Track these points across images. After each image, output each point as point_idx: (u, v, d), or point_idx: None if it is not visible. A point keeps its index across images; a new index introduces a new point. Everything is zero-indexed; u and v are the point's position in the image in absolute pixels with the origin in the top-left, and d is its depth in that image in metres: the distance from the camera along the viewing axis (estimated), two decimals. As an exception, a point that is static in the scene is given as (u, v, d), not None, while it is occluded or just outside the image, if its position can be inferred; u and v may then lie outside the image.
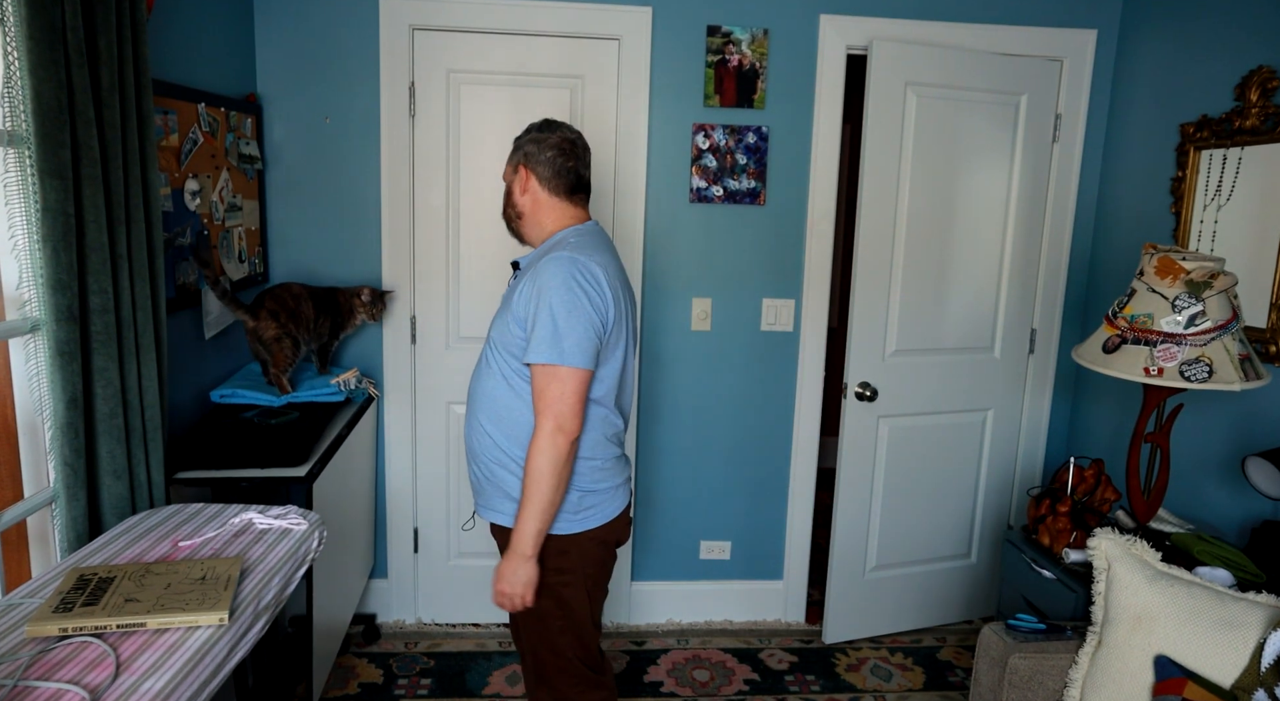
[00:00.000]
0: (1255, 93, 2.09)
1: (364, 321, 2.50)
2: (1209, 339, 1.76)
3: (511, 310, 1.58)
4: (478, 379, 1.68)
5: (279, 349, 2.23)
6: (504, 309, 1.64)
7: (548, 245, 1.64)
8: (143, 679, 1.05)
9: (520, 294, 1.56)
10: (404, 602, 2.82)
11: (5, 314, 1.49)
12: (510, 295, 1.63)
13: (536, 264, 1.59)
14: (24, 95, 1.33)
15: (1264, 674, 1.41)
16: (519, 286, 1.59)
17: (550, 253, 1.59)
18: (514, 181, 1.71)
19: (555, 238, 1.65)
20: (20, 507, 1.48)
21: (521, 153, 1.70)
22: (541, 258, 1.59)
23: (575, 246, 1.59)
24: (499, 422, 1.63)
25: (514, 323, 1.57)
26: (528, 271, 1.60)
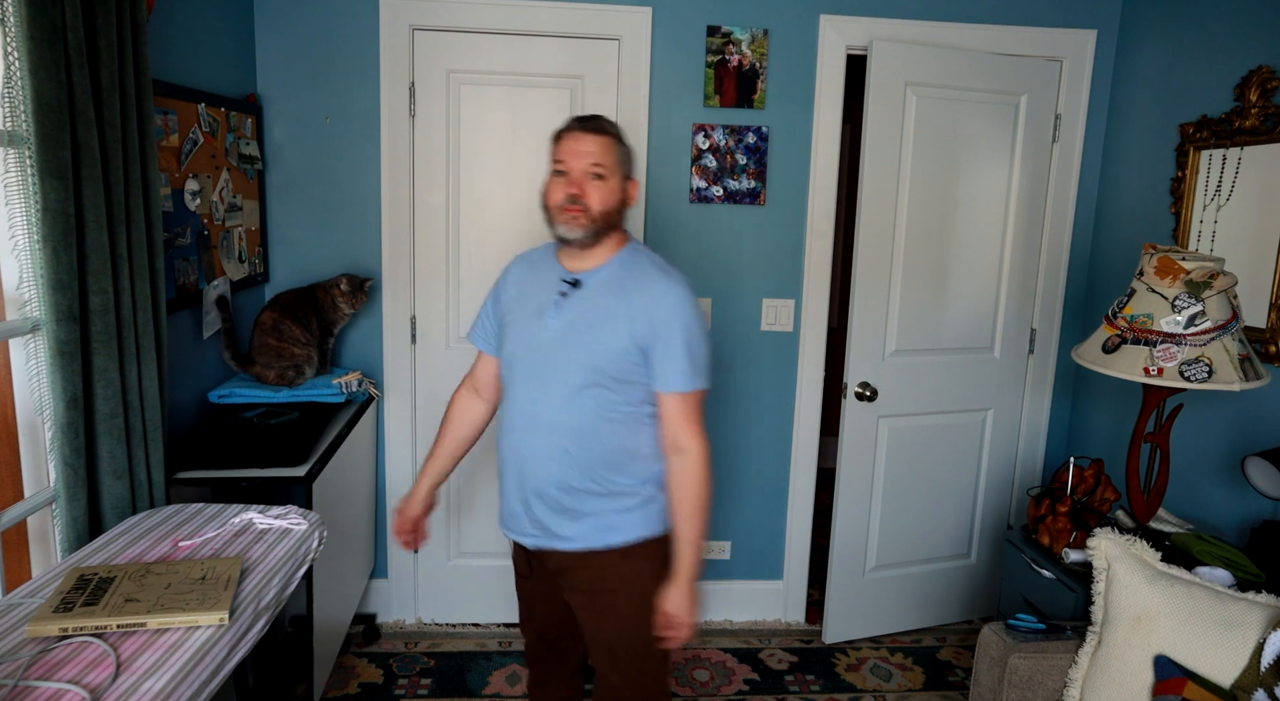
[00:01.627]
0: (1255, 93, 2.09)
1: (348, 311, 2.44)
2: (1209, 339, 1.77)
3: (614, 333, 1.48)
4: (555, 406, 1.53)
5: (294, 376, 2.32)
6: (581, 331, 1.50)
7: (627, 260, 1.56)
8: (143, 679, 1.05)
9: (620, 316, 1.48)
10: (404, 602, 2.82)
11: (5, 314, 1.49)
12: (585, 314, 1.51)
13: (631, 283, 1.51)
14: (24, 95, 1.33)
15: (1264, 673, 1.41)
16: (605, 306, 1.50)
17: (642, 269, 1.53)
18: (625, 190, 1.56)
19: (628, 250, 1.57)
20: (20, 507, 1.48)
21: (632, 162, 1.58)
22: (631, 274, 1.52)
23: (661, 262, 1.55)
24: (601, 450, 1.54)
25: (626, 349, 1.48)
26: (610, 289, 1.51)
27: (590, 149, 1.49)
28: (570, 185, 1.48)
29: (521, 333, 1.56)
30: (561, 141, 1.52)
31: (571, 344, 1.50)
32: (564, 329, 1.51)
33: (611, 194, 1.51)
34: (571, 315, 1.52)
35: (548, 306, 1.54)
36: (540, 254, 1.66)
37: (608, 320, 1.49)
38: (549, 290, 1.55)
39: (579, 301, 1.52)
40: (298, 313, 2.34)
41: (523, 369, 1.56)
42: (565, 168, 1.50)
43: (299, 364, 2.30)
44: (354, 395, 2.40)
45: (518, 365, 1.57)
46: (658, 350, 1.49)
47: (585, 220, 1.49)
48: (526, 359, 1.55)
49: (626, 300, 1.49)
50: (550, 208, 1.52)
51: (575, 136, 1.51)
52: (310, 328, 2.34)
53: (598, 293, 1.52)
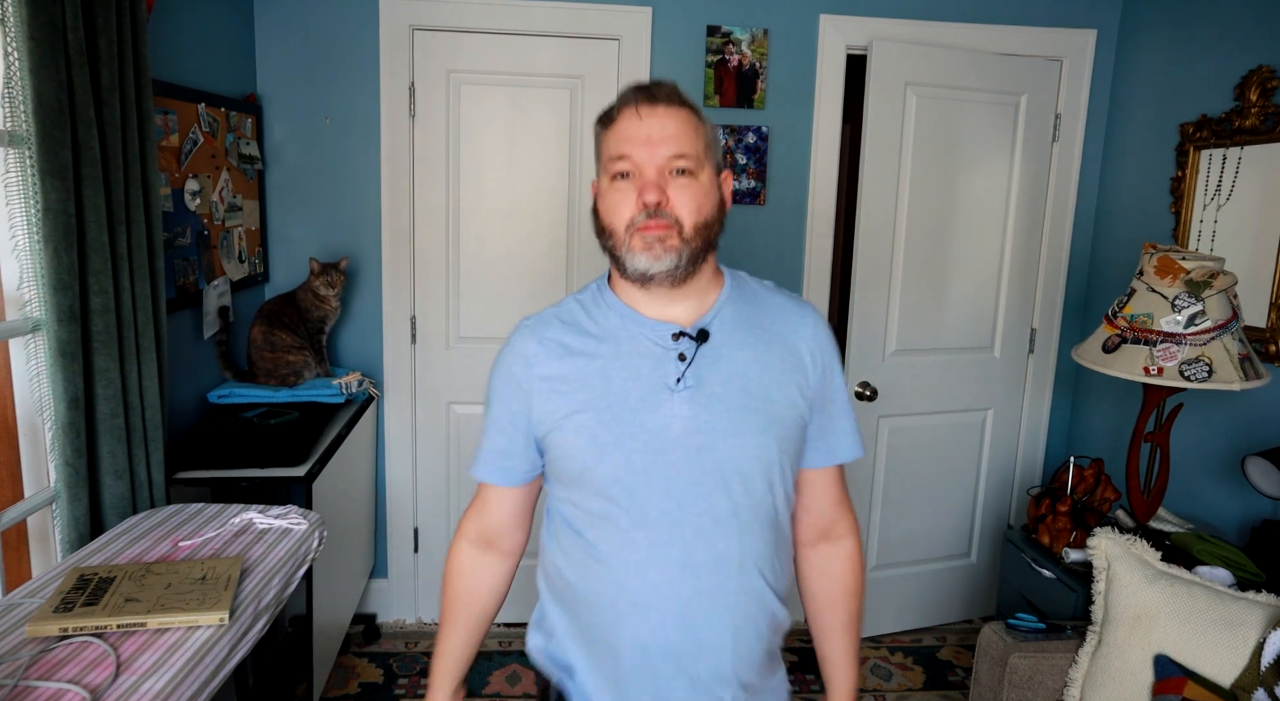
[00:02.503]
0: (1255, 92, 2.09)
1: (326, 292, 2.38)
2: (1209, 338, 1.77)
3: (783, 392, 1.03)
4: (729, 531, 1.01)
5: (295, 380, 2.32)
6: (740, 402, 1.01)
7: (738, 286, 1.11)
8: (143, 679, 1.05)
9: (778, 365, 1.04)
10: (404, 602, 2.82)
11: (6, 314, 1.49)
12: (734, 378, 1.02)
13: (767, 317, 1.08)
14: (24, 95, 1.33)
15: (1264, 673, 1.41)
16: (756, 358, 1.04)
17: (765, 295, 1.12)
18: (717, 186, 1.06)
19: (730, 274, 1.13)
20: (21, 507, 1.48)
21: (721, 144, 1.12)
22: (758, 305, 1.09)
23: (767, 282, 1.17)
24: (782, 561, 1.09)
25: (800, 413, 1.05)
26: (749, 333, 1.05)
27: (669, 130, 0.99)
28: (646, 190, 0.97)
29: (621, 443, 0.99)
30: (618, 124, 1.02)
31: (727, 426, 0.99)
32: (706, 409, 1.00)
33: (707, 196, 1.01)
34: (712, 385, 1.00)
35: (660, 385, 1.00)
36: (580, 310, 1.09)
37: (767, 375, 1.03)
38: (648, 358, 1.02)
39: (712, 362, 1.02)
40: (284, 319, 2.33)
41: (645, 496, 0.99)
42: (631, 165, 0.99)
43: (297, 369, 2.31)
44: (354, 395, 2.40)
45: (630, 494, 1.00)
46: (827, 406, 1.09)
47: (677, 242, 0.98)
48: (649, 478, 0.99)
49: (776, 343, 1.06)
50: (613, 230, 1.01)
51: (642, 113, 1.00)
52: (299, 331, 2.34)
53: (734, 343, 1.04)
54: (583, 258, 2.66)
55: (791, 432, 1.04)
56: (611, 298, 1.08)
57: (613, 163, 1.01)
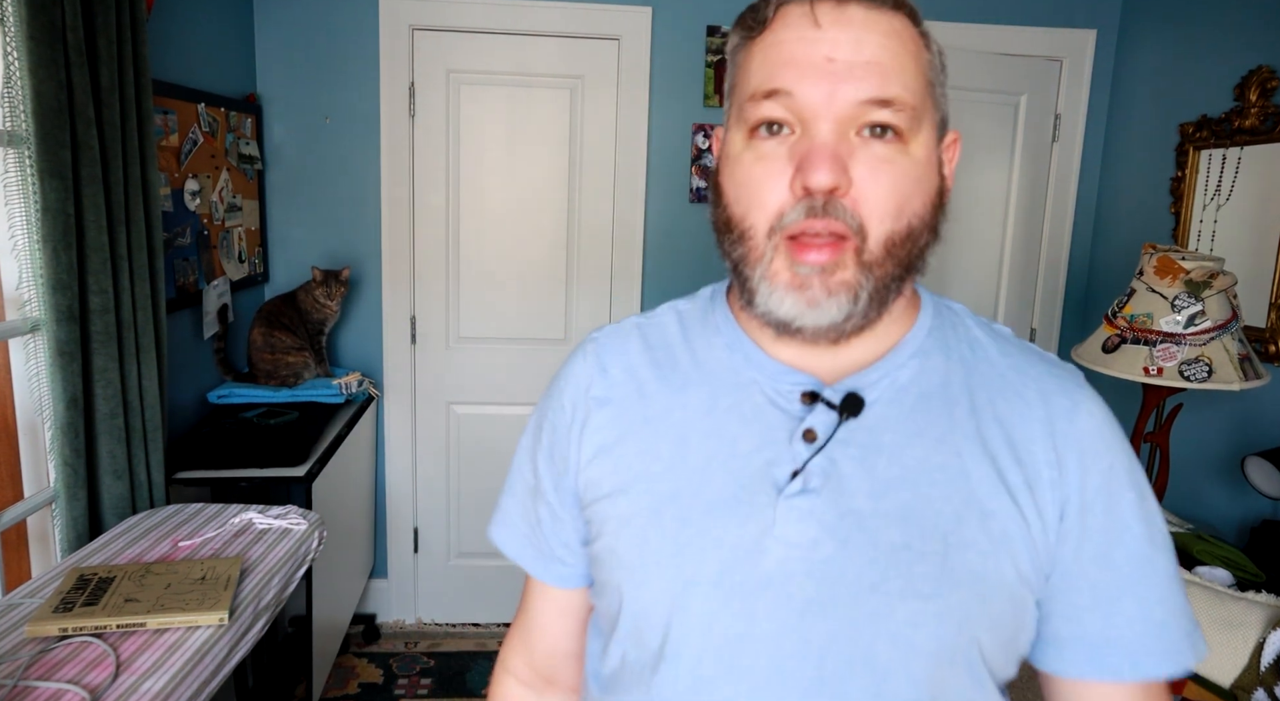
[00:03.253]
0: (1255, 92, 2.09)
1: (325, 300, 2.38)
2: (1208, 338, 1.77)
3: (988, 532, 0.59)
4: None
5: (295, 381, 2.32)
6: (896, 540, 0.58)
7: (943, 334, 0.67)
8: (143, 679, 1.05)
9: (983, 491, 0.60)
10: (404, 602, 2.82)
11: (5, 314, 1.49)
12: (891, 490, 0.60)
13: (984, 391, 0.63)
14: (24, 95, 1.33)
15: (1264, 673, 1.41)
16: (940, 462, 0.60)
17: (995, 356, 0.66)
18: (937, 159, 0.63)
19: (933, 311, 0.68)
20: (20, 507, 1.48)
21: (945, 81, 0.64)
22: (976, 369, 0.65)
23: (1010, 334, 0.70)
24: None
25: (1021, 574, 0.59)
26: (937, 414, 0.62)
27: (866, 52, 0.56)
28: (813, 161, 0.55)
29: (680, 565, 0.61)
30: (775, 30, 0.58)
31: (868, 573, 0.58)
32: (834, 536, 0.59)
33: (918, 182, 0.59)
34: (854, 495, 0.59)
35: (763, 476, 0.61)
36: (678, 327, 0.71)
37: (957, 496, 0.59)
38: (756, 425, 0.63)
39: (862, 454, 0.61)
40: (283, 320, 2.33)
41: (704, 668, 0.60)
42: (792, 109, 0.56)
43: (297, 370, 2.31)
44: (354, 395, 2.40)
45: (678, 658, 0.61)
46: (1097, 568, 0.60)
47: (853, 272, 0.57)
48: (717, 638, 0.59)
49: (988, 438, 0.61)
50: (745, 229, 0.59)
51: (822, 15, 0.57)
52: (298, 332, 2.34)
53: (908, 427, 0.61)
54: (584, 258, 2.66)
55: (998, 607, 0.58)
56: (724, 314, 0.68)
57: (756, 103, 0.57)
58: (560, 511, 0.71)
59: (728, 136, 0.63)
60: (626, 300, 2.67)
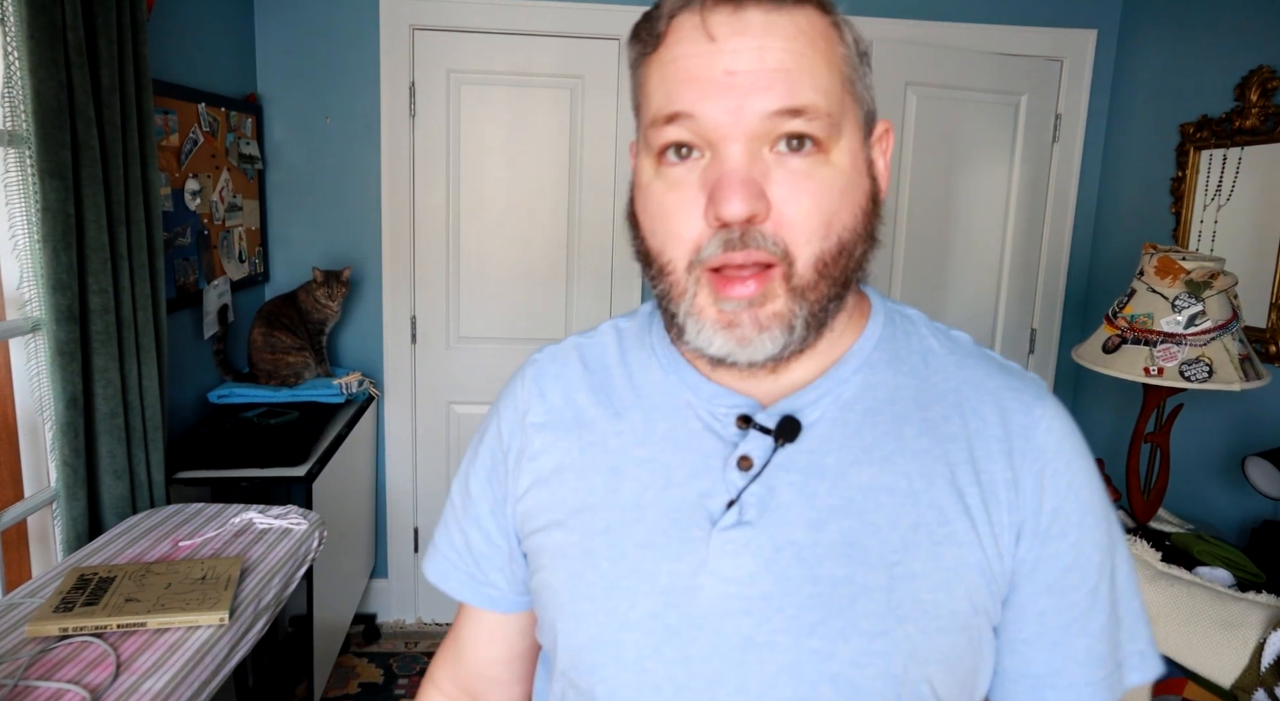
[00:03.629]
0: (1255, 92, 2.09)
1: (326, 301, 2.38)
2: (1209, 339, 1.77)
3: (940, 562, 0.55)
4: None
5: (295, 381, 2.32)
6: (836, 570, 0.54)
7: (893, 343, 0.63)
8: (143, 678, 1.05)
9: (939, 512, 0.56)
10: (404, 602, 2.82)
11: (6, 314, 1.49)
12: (830, 519, 0.55)
13: (936, 405, 0.59)
14: (24, 95, 1.33)
15: (1264, 674, 1.41)
16: (885, 484, 0.56)
17: (948, 363, 0.62)
18: (865, 161, 0.58)
19: (883, 318, 0.64)
20: (20, 507, 1.48)
21: (867, 66, 0.61)
22: (926, 381, 0.61)
23: (967, 340, 0.67)
24: None
25: (976, 605, 0.55)
26: (884, 433, 0.58)
27: (771, 58, 0.51)
28: (724, 190, 0.50)
29: (613, 603, 0.58)
30: (669, 44, 0.53)
31: (807, 611, 0.54)
32: (771, 570, 0.55)
33: (845, 192, 0.55)
34: (792, 525, 0.56)
35: (698, 507, 0.57)
36: (616, 348, 0.67)
37: (907, 519, 0.56)
38: (690, 453, 0.59)
39: (803, 480, 0.57)
40: (283, 320, 2.33)
41: (656, 697, 0.56)
42: (696, 131, 0.52)
43: (297, 370, 2.31)
44: (354, 395, 2.40)
45: (632, 690, 0.57)
46: (1047, 598, 0.57)
47: (784, 303, 0.53)
48: (652, 680, 0.56)
49: (943, 455, 0.57)
50: (663, 264, 0.55)
51: (714, 25, 0.51)
52: (298, 332, 2.34)
53: (854, 446, 0.58)
54: (584, 257, 2.66)
55: (950, 641, 0.54)
56: (660, 334, 0.64)
57: (659, 128, 0.53)
58: (496, 538, 0.67)
59: (637, 162, 0.57)
60: (626, 300, 2.67)
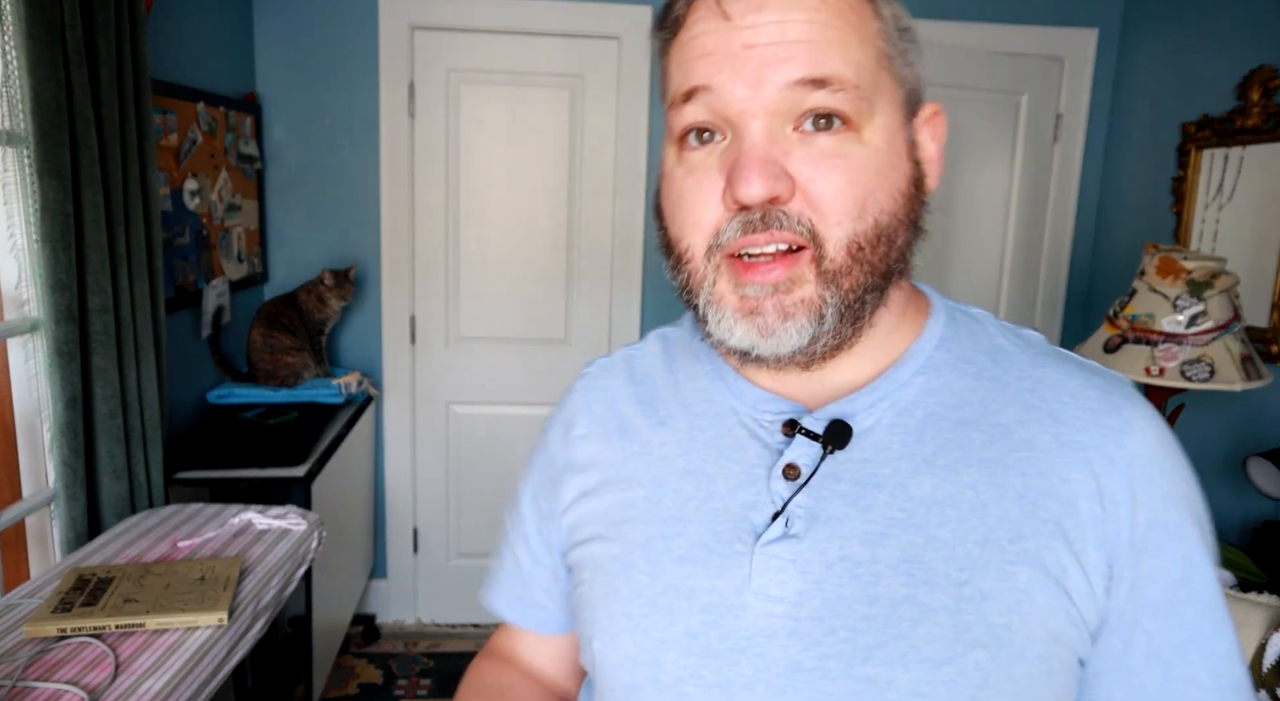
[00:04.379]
0: (1257, 92, 2.09)
1: (337, 305, 2.39)
2: (1210, 339, 1.76)
3: (1010, 591, 0.48)
4: None
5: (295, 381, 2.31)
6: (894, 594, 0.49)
7: (958, 344, 0.57)
8: (142, 679, 1.05)
9: (1007, 529, 0.49)
10: (404, 602, 2.82)
11: (4, 314, 1.49)
12: (884, 538, 0.50)
13: (1009, 416, 0.53)
14: (22, 95, 1.33)
15: (1265, 675, 1.41)
16: (948, 502, 0.50)
17: (1026, 369, 0.56)
18: (905, 143, 0.55)
19: (943, 318, 0.61)
20: (19, 507, 1.48)
21: (912, 44, 0.56)
22: (996, 388, 0.54)
23: (1041, 342, 0.60)
24: None
25: (1054, 633, 0.49)
26: (946, 445, 0.52)
27: (792, 29, 0.47)
28: (742, 170, 0.47)
29: (652, 622, 0.54)
30: (689, 24, 0.50)
31: (862, 634, 0.49)
32: (822, 589, 0.51)
33: (880, 173, 0.50)
34: (846, 540, 0.51)
35: (741, 520, 0.54)
36: (663, 358, 0.67)
37: (974, 535, 0.50)
38: (735, 462, 0.56)
39: (856, 491, 0.52)
40: (282, 321, 2.33)
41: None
42: (713, 110, 0.49)
43: (297, 370, 2.31)
44: (353, 395, 2.40)
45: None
46: (1154, 618, 0.51)
47: (813, 290, 0.50)
48: (689, 692, 0.52)
49: (1019, 469, 0.51)
50: (682, 253, 0.53)
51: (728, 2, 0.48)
52: (298, 332, 2.34)
53: (912, 456, 0.52)
54: (584, 258, 2.65)
55: (1025, 671, 0.48)
56: (704, 341, 0.60)
57: (678, 109, 0.50)
58: (541, 555, 0.67)
59: (664, 152, 0.55)
60: (626, 300, 2.66)
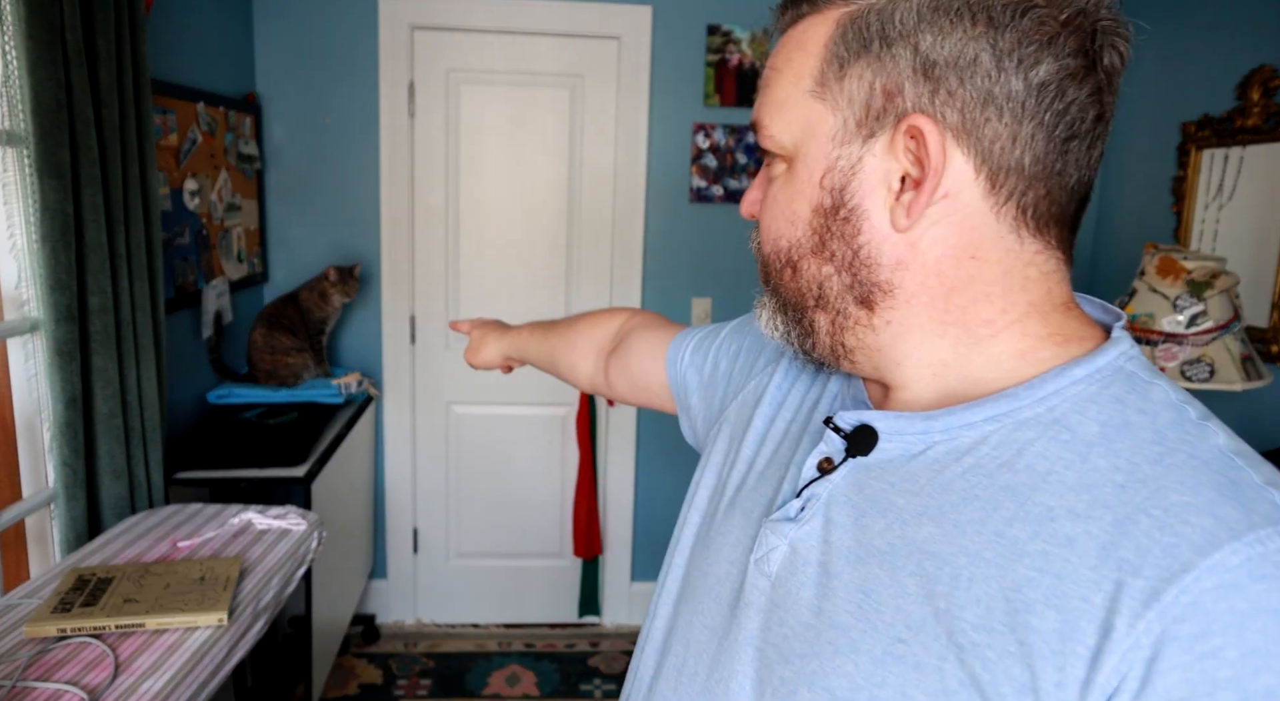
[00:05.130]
0: (1257, 92, 2.09)
1: (340, 302, 2.40)
2: (1210, 339, 1.76)
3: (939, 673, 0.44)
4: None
5: (295, 381, 2.31)
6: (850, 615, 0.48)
7: (1112, 403, 0.47)
8: (142, 679, 1.05)
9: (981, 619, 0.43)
10: (403, 603, 2.82)
11: (4, 314, 1.49)
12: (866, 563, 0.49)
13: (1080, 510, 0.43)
14: (22, 95, 1.33)
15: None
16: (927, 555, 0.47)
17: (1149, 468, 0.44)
18: (824, 163, 0.51)
19: (1113, 375, 0.48)
20: (19, 507, 1.48)
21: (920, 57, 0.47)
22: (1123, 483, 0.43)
23: (1228, 449, 0.47)
24: None
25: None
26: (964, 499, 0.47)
27: (767, 78, 0.54)
28: (751, 194, 0.59)
29: (709, 540, 0.62)
30: None
31: (801, 649, 0.50)
32: (794, 587, 0.52)
33: (794, 196, 0.53)
34: (833, 547, 0.51)
35: (772, 494, 0.59)
36: None
37: (939, 607, 0.45)
38: (801, 437, 0.61)
39: (866, 505, 0.51)
40: (283, 322, 2.33)
41: (681, 622, 0.62)
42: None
43: (296, 370, 2.31)
44: (353, 395, 2.40)
45: (675, 609, 0.64)
46: None
47: (765, 294, 0.59)
48: (681, 612, 0.62)
49: (1020, 565, 0.43)
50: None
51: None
52: (299, 333, 2.34)
53: (935, 498, 0.48)
54: (584, 257, 2.65)
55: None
56: None
57: None
58: (707, 364, 0.79)
59: None
60: (626, 300, 2.66)
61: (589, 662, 2.63)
